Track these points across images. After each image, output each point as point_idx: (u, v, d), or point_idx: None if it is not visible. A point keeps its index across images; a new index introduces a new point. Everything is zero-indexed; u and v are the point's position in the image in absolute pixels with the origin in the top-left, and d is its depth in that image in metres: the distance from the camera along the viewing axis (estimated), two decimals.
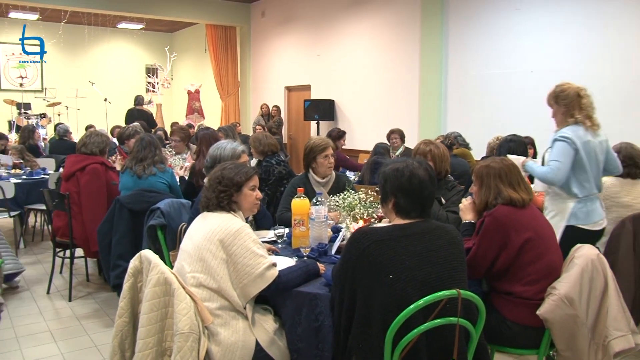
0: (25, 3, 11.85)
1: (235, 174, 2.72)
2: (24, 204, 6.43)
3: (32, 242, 7.11)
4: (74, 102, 13.90)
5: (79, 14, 13.43)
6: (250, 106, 13.52)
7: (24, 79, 15.36)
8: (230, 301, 2.50)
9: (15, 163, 7.08)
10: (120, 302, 2.55)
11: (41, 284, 5.37)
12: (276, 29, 12.42)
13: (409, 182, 2.31)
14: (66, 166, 4.98)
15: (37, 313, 4.68)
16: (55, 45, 15.17)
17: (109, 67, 16.22)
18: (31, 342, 4.13)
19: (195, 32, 15.36)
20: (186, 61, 16.08)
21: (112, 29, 15.74)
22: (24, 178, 6.68)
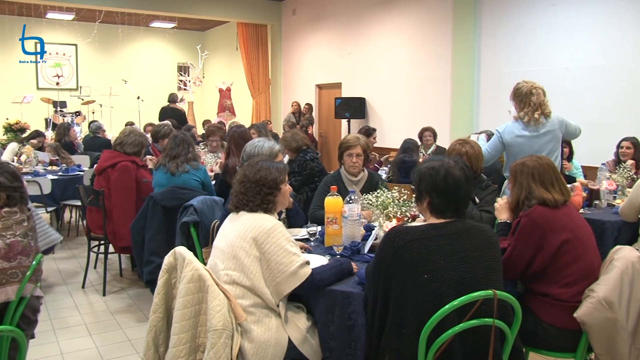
0: (62, 4, 12.07)
1: (278, 175, 2.72)
2: (60, 199, 6.56)
3: (68, 237, 7.25)
4: (107, 100, 14.11)
5: (113, 13, 13.64)
6: (281, 104, 13.56)
7: (60, 77, 15.67)
8: (263, 299, 2.50)
9: (52, 160, 7.22)
10: (155, 298, 2.57)
11: (76, 278, 5.48)
12: (307, 27, 12.43)
13: (445, 182, 2.28)
14: (100, 160, 5.06)
15: (72, 307, 4.77)
16: (90, 44, 15.43)
17: (142, 66, 16.43)
18: (67, 334, 4.21)
19: (226, 31, 15.45)
20: (217, 59, 16.19)
21: (145, 28, 15.94)
22: (60, 174, 6.81)
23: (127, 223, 4.51)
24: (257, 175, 2.70)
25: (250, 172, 2.73)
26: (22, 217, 2.53)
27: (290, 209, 3.48)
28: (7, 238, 2.38)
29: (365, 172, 4.07)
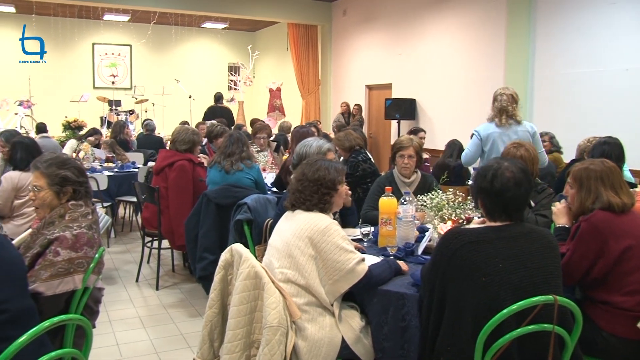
0: (119, 6, 12.40)
1: (336, 175, 2.72)
2: (115, 195, 6.75)
3: (122, 232, 7.44)
4: (160, 99, 14.42)
5: (167, 14, 13.93)
6: (330, 104, 13.58)
7: (115, 77, 16.10)
8: (318, 298, 2.52)
9: (108, 157, 7.42)
10: (211, 294, 2.63)
11: (131, 272, 5.62)
12: (357, 28, 12.41)
13: (491, 184, 2.25)
14: (157, 161, 5.18)
15: (127, 300, 4.90)
16: (144, 45, 15.81)
17: (194, 66, 16.73)
18: (123, 326, 4.33)
19: (277, 31, 15.58)
20: (268, 59, 16.35)
21: (197, 28, 16.22)
22: (116, 171, 7.00)
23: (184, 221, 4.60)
24: (315, 174, 2.70)
25: (308, 170, 2.74)
26: (87, 210, 2.62)
27: (348, 208, 3.49)
28: (74, 229, 2.47)
29: (418, 173, 4.05)
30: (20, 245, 2.55)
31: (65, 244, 2.41)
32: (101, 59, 15.98)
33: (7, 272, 2.02)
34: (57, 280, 2.34)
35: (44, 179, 2.62)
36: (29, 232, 2.68)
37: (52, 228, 2.50)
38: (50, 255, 2.37)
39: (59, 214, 2.56)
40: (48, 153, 2.82)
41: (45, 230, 2.51)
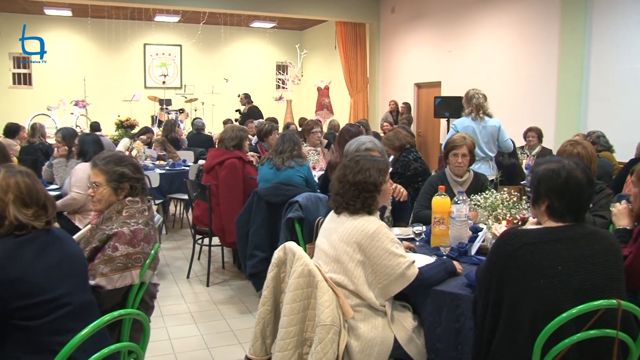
0: (169, 7, 12.65)
1: (377, 177, 2.64)
2: (166, 193, 6.88)
3: (173, 228, 7.58)
4: (209, 98, 14.63)
5: (216, 15, 14.12)
6: (379, 103, 13.52)
7: (166, 77, 16.42)
8: (368, 301, 2.50)
9: (159, 155, 7.57)
10: (264, 291, 2.64)
11: (181, 268, 5.71)
12: (406, 25, 12.31)
13: (566, 184, 2.15)
14: (207, 159, 5.26)
15: (178, 295, 4.98)
16: (193, 44, 16.07)
17: (242, 65, 16.90)
18: (175, 321, 4.41)
19: (325, 30, 15.60)
20: (316, 58, 16.39)
21: (246, 28, 16.38)
22: (167, 169, 7.13)
23: (235, 219, 4.65)
24: (356, 177, 2.62)
25: (349, 172, 2.66)
26: (144, 206, 2.68)
27: (402, 202, 3.44)
28: (132, 225, 2.53)
29: (471, 172, 3.98)
30: (80, 240, 2.62)
31: (123, 240, 2.47)
32: (152, 59, 16.32)
33: (70, 267, 2.08)
34: (117, 274, 2.40)
35: (102, 176, 2.69)
36: (88, 227, 2.76)
37: (110, 223, 2.56)
38: (109, 250, 2.44)
39: (116, 210, 2.63)
40: (106, 151, 2.90)
41: (103, 226, 2.58)
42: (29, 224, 2.01)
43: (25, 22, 14.48)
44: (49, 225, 2.09)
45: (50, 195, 2.15)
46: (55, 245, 2.08)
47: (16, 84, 15.15)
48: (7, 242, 1.97)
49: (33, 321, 1.90)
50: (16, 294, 1.89)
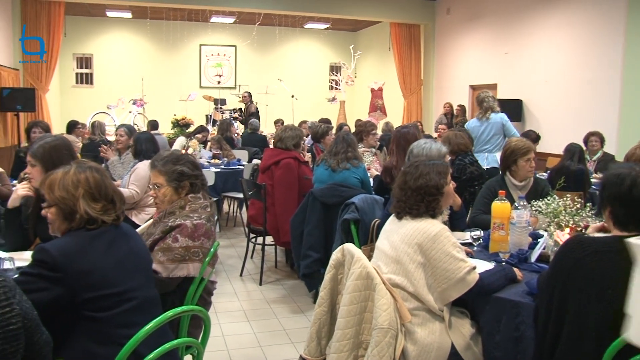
0: (225, 8, 12.84)
1: (438, 180, 2.62)
2: (221, 191, 6.98)
3: (226, 226, 7.69)
4: (263, 98, 14.77)
5: (271, 16, 14.25)
6: (433, 105, 13.38)
7: (221, 77, 16.67)
8: (426, 304, 2.47)
9: (215, 154, 7.69)
10: (321, 292, 2.64)
11: (234, 266, 5.79)
12: (461, 26, 12.14)
13: (629, 192, 2.06)
14: (263, 159, 5.31)
15: (232, 293, 5.05)
16: (248, 45, 16.25)
17: (296, 65, 17.00)
18: (228, 318, 4.47)
19: (379, 31, 15.54)
20: (369, 59, 16.33)
21: (300, 29, 16.47)
22: (222, 168, 7.24)
23: (289, 218, 4.68)
24: (417, 182, 2.61)
25: (410, 178, 2.64)
26: (206, 203, 2.74)
27: (457, 212, 3.41)
28: (194, 219, 2.59)
29: (531, 177, 3.89)
30: (143, 233, 2.69)
31: (185, 232, 2.53)
32: (207, 59, 16.58)
33: (136, 263, 2.14)
34: (174, 265, 2.47)
35: (162, 177, 2.76)
36: (151, 222, 2.83)
37: (172, 217, 2.64)
38: (169, 240, 2.52)
39: (179, 205, 2.70)
40: (163, 151, 2.97)
41: (166, 219, 2.65)
42: (99, 218, 2.07)
43: (89, 24, 15.06)
44: (117, 220, 2.15)
45: (119, 190, 2.21)
46: (123, 240, 2.15)
47: (78, 83, 15.66)
48: (79, 236, 2.03)
49: (101, 313, 1.96)
50: (86, 285, 1.95)
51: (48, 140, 3.12)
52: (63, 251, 1.95)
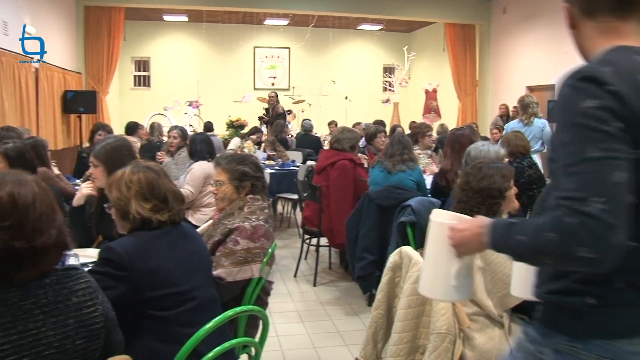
0: (279, 10, 12.96)
1: (502, 183, 2.58)
2: (275, 192, 7.03)
3: (280, 227, 7.74)
4: (316, 99, 14.82)
5: (325, 17, 14.29)
6: (488, 106, 13.13)
7: (275, 79, 16.83)
8: (485, 309, 2.42)
9: (269, 155, 7.76)
10: (378, 295, 2.63)
11: (288, 267, 5.82)
12: (518, 26, 11.88)
13: None
14: (319, 160, 5.34)
15: (286, 294, 5.08)
16: (302, 47, 16.34)
17: (349, 67, 16.99)
18: (282, 319, 4.49)
19: (433, 31, 15.37)
20: (423, 60, 16.18)
21: (354, 30, 16.46)
22: (277, 169, 7.29)
23: (344, 220, 4.68)
24: (480, 184, 2.58)
25: (472, 179, 2.61)
26: (264, 204, 2.78)
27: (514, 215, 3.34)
28: (253, 221, 2.63)
29: None
30: (203, 234, 2.74)
31: (244, 234, 2.56)
32: (261, 61, 16.76)
33: (197, 263, 2.18)
34: (237, 268, 2.51)
35: (225, 174, 2.81)
36: (210, 222, 2.89)
37: (232, 218, 2.67)
38: (230, 243, 2.55)
39: (238, 206, 2.74)
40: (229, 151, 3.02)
41: (225, 221, 2.70)
42: (152, 218, 2.11)
43: (147, 29, 15.46)
44: (175, 220, 2.18)
45: (176, 190, 2.23)
46: (184, 240, 2.18)
47: (136, 86, 16.09)
48: (143, 236, 2.08)
49: (164, 312, 2.01)
50: (150, 284, 1.99)
51: (109, 141, 3.21)
52: (128, 250, 2.00)
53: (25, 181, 1.50)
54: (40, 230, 1.45)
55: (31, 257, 1.44)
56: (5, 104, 7.30)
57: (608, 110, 1.25)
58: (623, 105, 1.25)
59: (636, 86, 1.29)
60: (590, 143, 1.23)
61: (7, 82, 7.42)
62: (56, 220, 1.51)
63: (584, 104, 1.27)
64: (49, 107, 9.30)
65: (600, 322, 1.34)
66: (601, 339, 1.33)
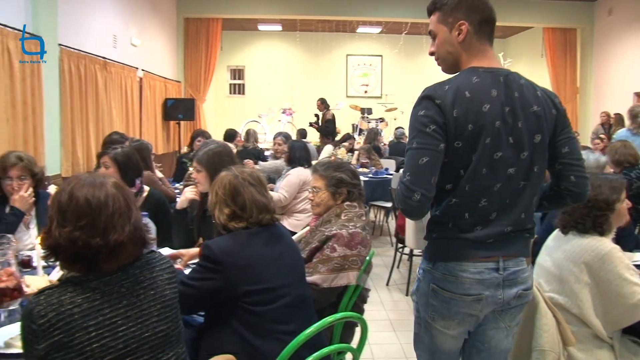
0: (373, 18, 12.98)
1: (610, 195, 2.45)
2: (369, 200, 7.03)
3: (373, 235, 7.72)
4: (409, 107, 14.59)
5: (418, 24, 14.14)
6: (590, 114, 12.51)
7: (367, 86, 16.85)
8: (593, 329, 2.30)
9: (363, 162, 7.77)
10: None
11: (381, 275, 5.80)
12: (625, 28, 11.24)
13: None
14: None
15: (378, 302, 5.06)
16: (395, 54, 16.28)
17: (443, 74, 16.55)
18: (374, 327, 4.45)
19: (531, 36, 14.87)
20: (520, 67, 15.64)
21: None
22: (370, 176, 7.29)
23: None
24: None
25: None
26: (361, 212, 2.79)
27: (624, 229, 3.15)
28: (350, 228, 2.65)
29: None
30: (300, 240, 2.78)
31: (342, 242, 2.58)
32: (354, 69, 16.84)
33: (289, 261, 2.27)
34: (333, 274, 2.54)
35: (322, 181, 2.86)
36: (307, 229, 2.93)
37: (329, 226, 2.71)
38: (327, 250, 2.58)
39: (335, 213, 2.77)
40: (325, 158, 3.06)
41: (322, 228, 2.74)
42: (228, 225, 2.23)
43: (242, 38, 15.93)
44: (272, 220, 2.29)
45: (262, 200, 2.28)
46: (277, 240, 2.28)
47: (232, 94, 16.61)
48: (238, 234, 2.21)
49: (258, 307, 2.09)
50: (243, 279, 2.09)
51: (212, 147, 3.31)
52: (222, 248, 2.13)
53: (100, 183, 1.65)
54: (113, 227, 1.60)
55: (108, 252, 1.59)
56: (113, 111, 7.76)
57: None
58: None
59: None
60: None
61: (115, 91, 7.88)
62: (131, 218, 1.66)
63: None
64: (151, 114, 9.81)
65: (440, 249, 1.99)
66: (442, 261, 1.97)
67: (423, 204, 1.83)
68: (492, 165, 1.87)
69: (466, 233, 1.91)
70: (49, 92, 5.92)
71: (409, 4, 12.07)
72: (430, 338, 2.12)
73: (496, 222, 1.91)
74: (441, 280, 1.96)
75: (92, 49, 7.18)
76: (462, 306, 1.94)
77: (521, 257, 1.96)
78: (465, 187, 1.88)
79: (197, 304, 2.18)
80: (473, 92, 1.90)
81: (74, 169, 6.51)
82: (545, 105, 1.98)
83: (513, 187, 1.91)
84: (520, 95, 1.95)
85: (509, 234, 1.92)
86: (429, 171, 1.83)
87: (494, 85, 1.92)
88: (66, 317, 1.51)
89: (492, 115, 1.87)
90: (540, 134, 1.93)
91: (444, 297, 1.96)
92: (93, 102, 7.09)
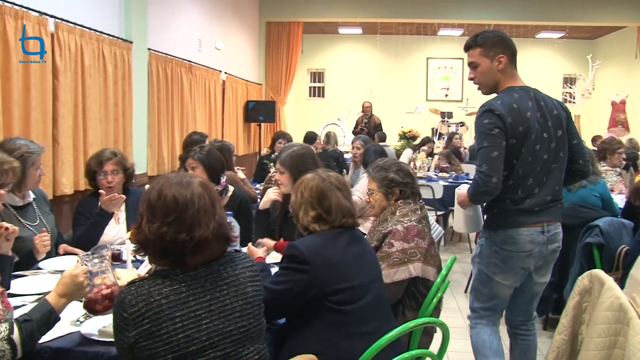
0: (455, 21, 12.80)
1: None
2: (448, 205, 6.94)
3: (451, 241, 7.62)
4: None
5: (502, 26, 13.81)
6: None
7: (448, 90, 16.60)
8: None
9: (443, 167, 7.68)
10: (562, 319, 2.50)
11: (459, 282, 5.73)
12: None
13: None
14: None
15: (456, 309, 5.00)
16: None
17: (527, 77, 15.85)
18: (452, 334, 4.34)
19: (623, 37, 14.15)
20: (610, 69, 14.96)
21: (532, 39, 15.72)
22: (450, 181, 7.20)
23: None
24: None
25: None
26: (416, 207, 2.86)
27: None
28: (405, 223, 2.73)
29: None
30: None
31: (398, 236, 2.67)
32: (434, 72, 16.63)
33: (369, 261, 2.33)
34: (394, 269, 2.61)
35: (374, 183, 2.95)
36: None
37: (385, 224, 2.80)
38: (385, 247, 2.67)
39: (390, 212, 2.86)
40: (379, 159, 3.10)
41: (380, 227, 2.83)
42: (310, 227, 2.29)
43: (322, 41, 16.07)
44: (354, 224, 2.35)
45: (347, 205, 2.32)
46: (357, 241, 2.33)
47: (311, 96, 16.79)
48: (323, 234, 2.26)
49: (345, 306, 2.13)
50: (332, 277, 2.14)
51: (295, 149, 3.37)
52: (308, 247, 2.17)
53: (187, 183, 1.75)
54: (199, 223, 1.69)
55: (193, 247, 1.68)
56: (197, 113, 8.03)
57: None
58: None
59: None
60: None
61: (199, 93, 8.16)
62: (215, 216, 1.74)
63: None
64: (233, 116, 10.09)
65: (500, 220, 2.79)
66: (502, 228, 2.78)
67: (499, 185, 2.64)
68: (534, 154, 2.71)
69: (519, 205, 2.73)
70: (138, 94, 6.19)
71: (491, 6, 11.85)
72: (490, 290, 2.93)
73: (539, 194, 2.74)
74: (501, 243, 2.77)
75: (179, 52, 7.45)
76: (518, 261, 2.78)
77: (557, 222, 2.85)
78: (519, 171, 2.70)
79: (285, 308, 2.20)
80: (518, 104, 2.72)
81: (159, 168, 6.78)
82: (560, 110, 2.88)
83: (547, 168, 2.75)
84: (545, 104, 2.84)
85: (549, 202, 2.77)
86: (500, 161, 2.64)
87: (528, 99, 2.79)
88: (155, 307, 1.60)
89: (532, 119, 2.72)
90: (561, 130, 2.81)
91: (503, 256, 2.78)
92: (178, 103, 7.35)
